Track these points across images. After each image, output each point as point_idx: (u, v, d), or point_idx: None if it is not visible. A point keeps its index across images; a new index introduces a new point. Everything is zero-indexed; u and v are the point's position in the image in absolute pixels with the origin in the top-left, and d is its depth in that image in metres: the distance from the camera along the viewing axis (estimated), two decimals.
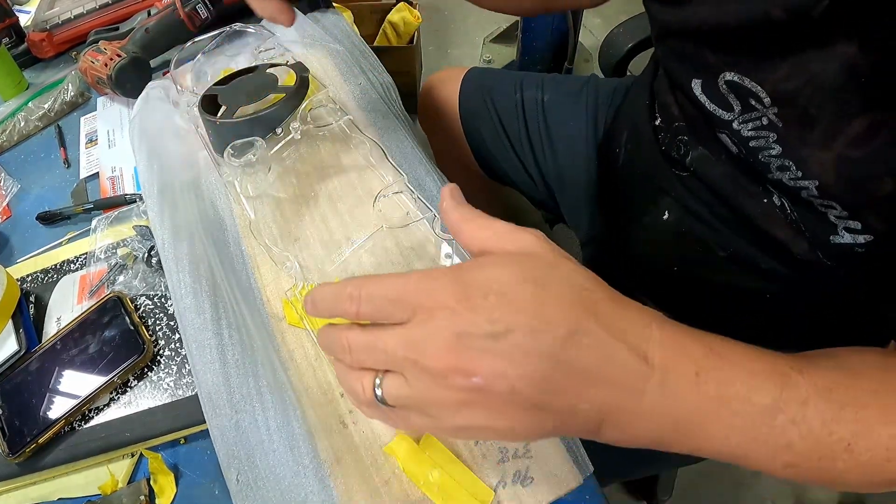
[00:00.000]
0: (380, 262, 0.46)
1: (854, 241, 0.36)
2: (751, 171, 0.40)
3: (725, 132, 0.39)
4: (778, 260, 0.43)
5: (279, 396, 0.40)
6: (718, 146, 0.41)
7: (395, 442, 0.38)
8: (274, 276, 0.47)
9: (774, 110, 0.34)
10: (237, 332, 0.43)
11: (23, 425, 0.42)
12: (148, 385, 0.45)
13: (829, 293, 0.44)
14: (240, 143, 0.47)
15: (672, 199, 0.49)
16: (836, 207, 0.35)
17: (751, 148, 0.37)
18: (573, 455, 0.37)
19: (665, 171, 0.48)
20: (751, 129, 0.36)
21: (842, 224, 0.35)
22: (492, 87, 0.76)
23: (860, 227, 0.35)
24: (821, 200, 0.35)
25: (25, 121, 0.68)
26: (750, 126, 0.36)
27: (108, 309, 0.47)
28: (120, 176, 0.61)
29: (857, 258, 0.37)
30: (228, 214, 0.51)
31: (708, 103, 0.38)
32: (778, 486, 1.07)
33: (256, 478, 0.37)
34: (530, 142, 0.73)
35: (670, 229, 0.50)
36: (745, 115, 0.36)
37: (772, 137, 0.35)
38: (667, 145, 0.48)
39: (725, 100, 0.37)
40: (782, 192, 0.39)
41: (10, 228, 0.60)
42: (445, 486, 0.36)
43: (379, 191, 0.48)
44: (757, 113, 0.35)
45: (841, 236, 0.36)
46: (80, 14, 0.76)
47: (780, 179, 0.36)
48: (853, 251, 0.36)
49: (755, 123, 0.36)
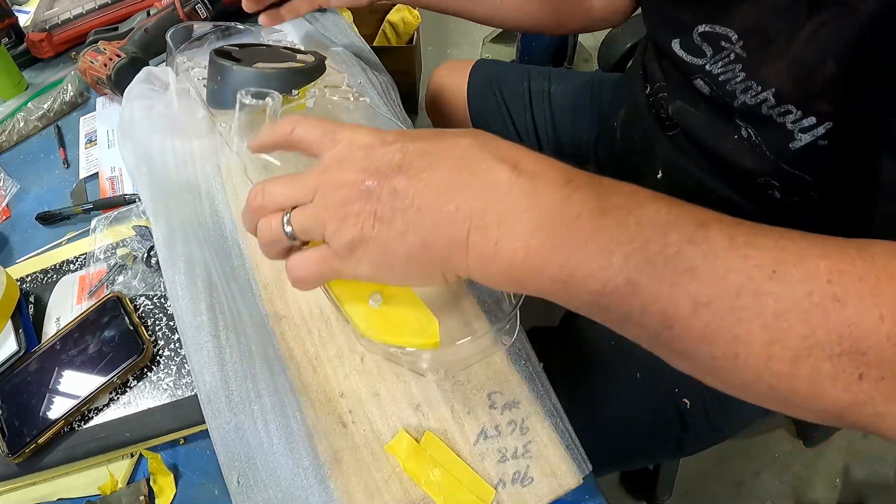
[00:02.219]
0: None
1: (814, 136, 0.39)
2: (722, 109, 0.46)
3: (699, 76, 0.45)
4: (755, 201, 0.48)
5: (278, 397, 0.40)
6: (693, 94, 0.47)
7: (396, 440, 0.38)
8: (274, 276, 0.47)
9: (741, 44, 0.41)
10: (234, 333, 0.42)
11: (22, 425, 0.42)
12: (147, 385, 0.45)
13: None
14: (255, 91, 0.46)
15: (663, 157, 0.54)
16: (791, 111, 0.39)
17: (720, 82, 0.43)
18: (573, 455, 0.37)
19: (656, 132, 0.54)
20: (720, 67, 0.43)
21: (797, 127, 0.40)
22: (499, 77, 0.78)
23: (815, 121, 0.39)
24: (778, 108, 0.40)
25: (25, 121, 0.68)
26: (720, 65, 0.43)
27: (107, 309, 0.47)
28: (119, 176, 0.61)
29: (821, 158, 0.40)
30: (227, 213, 0.51)
31: (685, 55, 0.45)
32: (778, 486, 1.07)
33: (257, 479, 0.37)
34: (536, 130, 0.74)
35: (663, 189, 0.52)
36: (715, 57, 0.43)
37: (737, 68, 0.42)
38: (654, 107, 0.54)
39: (700, 49, 0.44)
40: (745, 117, 0.44)
41: (9, 228, 0.60)
42: (446, 484, 0.36)
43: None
44: (726, 52, 0.42)
45: (799, 140, 0.40)
46: (80, 14, 0.76)
47: (744, 101, 0.42)
48: (816, 148, 0.40)
49: (724, 61, 0.43)
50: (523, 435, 0.37)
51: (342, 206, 0.29)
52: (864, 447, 1.09)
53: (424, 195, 0.27)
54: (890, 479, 1.06)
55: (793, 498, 1.06)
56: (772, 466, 1.08)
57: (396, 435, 0.38)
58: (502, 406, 0.39)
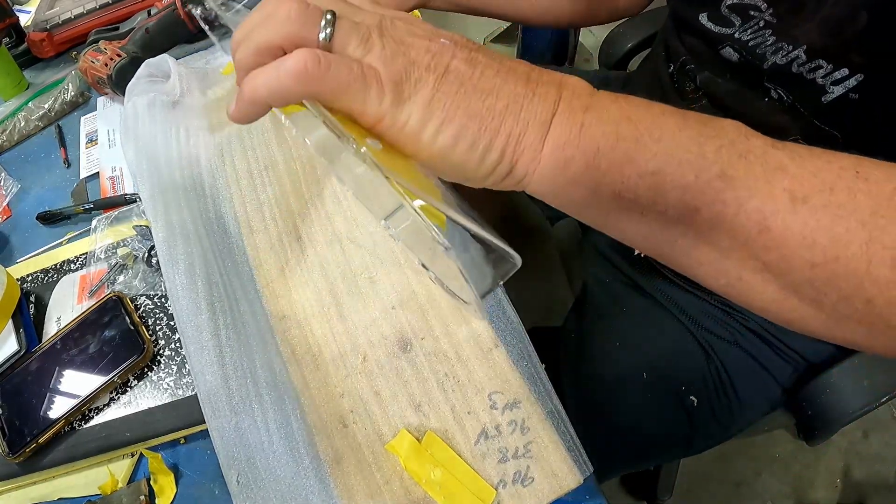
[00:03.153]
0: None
1: (846, 88, 0.39)
2: (751, 74, 0.45)
3: (728, 44, 0.46)
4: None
5: (278, 396, 0.40)
6: (720, 62, 0.48)
7: (397, 440, 0.38)
8: (277, 275, 0.47)
9: (770, 11, 0.41)
10: (235, 333, 0.42)
11: (23, 425, 0.42)
12: (148, 385, 0.45)
13: None
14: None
15: None
16: (822, 66, 0.39)
17: (749, 48, 0.44)
18: (573, 455, 0.37)
19: (678, 105, 0.53)
20: (750, 34, 0.43)
21: (828, 81, 0.39)
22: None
23: (847, 72, 0.38)
24: (809, 64, 0.40)
25: (25, 121, 0.68)
26: (749, 32, 0.43)
27: (108, 309, 0.47)
28: (120, 176, 0.61)
29: (851, 112, 0.40)
30: (229, 212, 0.51)
31: (713, 27, 0.46)
32: (777, 485, 1.07)
33: (257, 479, 0.37)
34: None
35: None
36: (745, 25, 0.43)
37: (767, 33, 0.42)
38: (679, 82, 0.54)
39: (728, 19, 0.44)
40: (774, 78, 0.44)
41: (10, 228, 0.60)
42: (447, 484, 0.36)
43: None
44: (755, 20, 0.42)
45: (831, 92, 0.40)
46: (80, 14, 0.76)
47: (775, 62, 0.42)
48: (847, 101, 0.39)
49: (753, 28, 0.43)
50: (524, 435, 0.37)
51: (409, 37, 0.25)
52: (864, 447, 1.09)
53: (508, 64, 0.25)
54: (890, 479, 1.06)
55: (793, 498, 1.06)
56: (772, 466, 1.08)
57: (398, 434, 0.38)
58: (503, 406, 0.39)
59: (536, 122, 0.24)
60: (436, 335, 0.42)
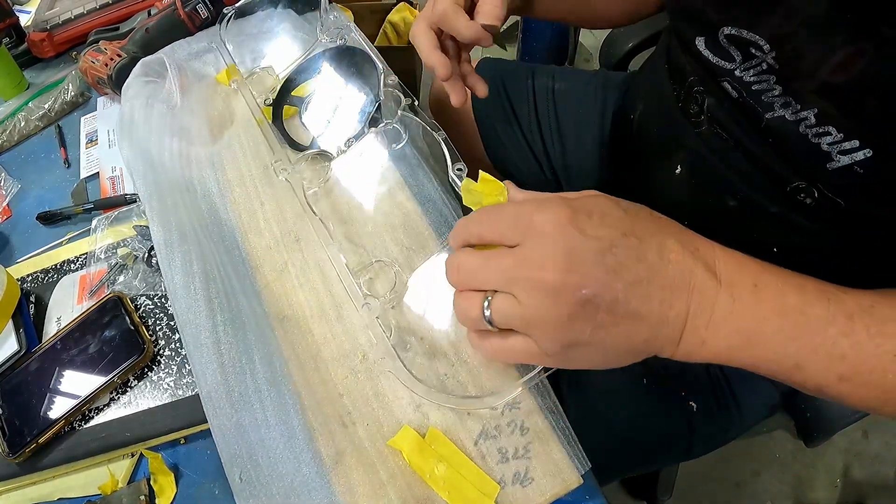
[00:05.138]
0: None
1: (852, 160, 0.37)
2: (753, 117, 0.43)
3: (727, 80, 0.43)
4: (785, 204, 0.45)
5: (279, 395, 0.40)
6: (723, 94, 0.45)
7: (400, 436, 0.38)
8: (275, 276, 0.47)
9: (773, 54, 0.38)
10: (235, 332, 0.42)
11: (23, 425, 0.42)
12: (148, 385, 0.45)
13: (841, 241, 0.45)
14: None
15: (686, 153, 0.52)
16: (830, 133, 0.37)
17: (753, 91, 0.41)
18: (572, 455, 0.37)
19: (682, 125, 0.52)
20: (752, 75, 0.40)
21: (836, 149, 0.38)
22: (503, 75, 0.77)
23: (858, 144, 0.37)
24: (817, 129, 0.38)
25: (26, 121, 0.68)
26: (752, 73, 0.40)
27: (108, 309, 0.47)
28: (120, 176, 0.61)
29: (857, 184, 0.39)
30: (227, 214, 0.51)
31: (711, 56, 0.43)
32: (777, 486, 1.07)
33: (259, 476, 0.37)
34: (539, 127, 0.74)
35: (683, 184, 0.52)
36: (746, 63, 0.40)
37: (772, 80, 0.39)
38: (684, 101, 0.51)
39: (727, 52, 0.41)
40: (773, 131, 0.41)
41: (10, 228, 0.60)
42: (452, 479, 0.36)
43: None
44: (757, 59, 0.39)
45: (837, 161, 0.38)
46: (81, 14, 0.76)
47: (783, 116, 0.39)
48: (852, 174, 0.38)
49: (756, 69, 0.40)
50: (523, 435, 0.37)
51: (553, 309, 0.30)
52: (864, 447, 1.09)
53: (644, 302, 0.30)
54: (890, 479, 1.06)
55: (793, 498, 1.06)
56: (772, 466, 1.08)
57: (400, 430, 0.38)
58: (503, 406, 0.39)
59: (668, 346, 0.32)
60: (435, 335, 0.42)
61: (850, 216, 0.42)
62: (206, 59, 0.63)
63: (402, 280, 0.44)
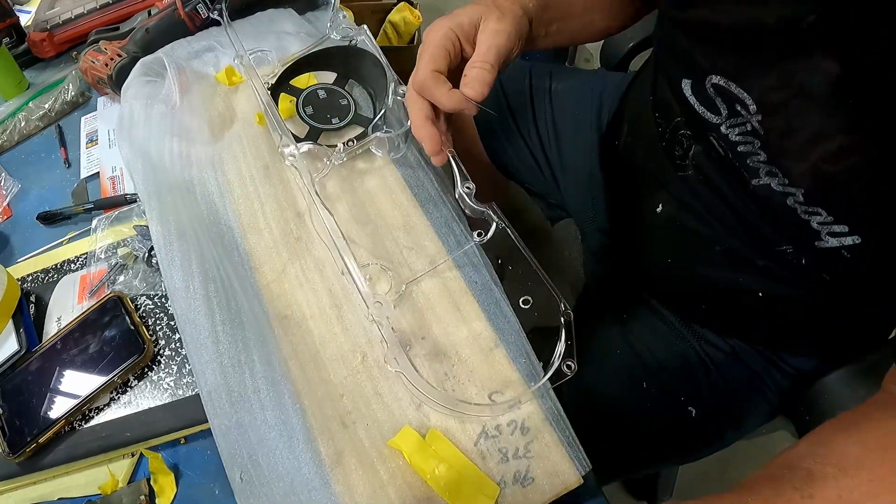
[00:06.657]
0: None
1: (840, 244, 0.36)
2: (737, 174, 0.40)
3: (713, 135, 0.40)
4: (773, 259, 0.43)
5: (279, 395, 0.40)
6: (709, 145, 0.42)
7: (400, 436, 0.38)
8: (275, 276, 0.47)
9: (758, 118, 0.35)
10: (235, 332, 0.42)
11: (23, 425, 0.42)
12: (148, 385, 0.45)
13: (824, 295, 0.44)
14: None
15: (668, 195, 0.50)
16: (820, 213, 0.35)
17: (738, 153, 0.38)
18: (573, 455, 0.37)
19: (665, 166, 0.49)
20: (737, 133, 0.37)
21: (825, 230, 0.36)
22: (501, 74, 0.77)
23: (847, 229, 0.35)
24: (805, 207, 0.36)
25: (26, 120, 0.68)
26: (737, 131, 0.37)
27: (108, 309, 0.47)
28: (120, 176, 0.61)
29: (843, 264, 0.37)
30: (227, 213, 0.51)
31: (697, 104, 0.39)
32: None
33: (259, 475, 0.37)
34: (536, 127, 0.74)
35: (662, 223, 0.51)
36: (731, 120, 0.37)
37: (756, 144, 0.36)
38: (668, 141, 0.48)
39: (713, 103, 0.38)
40: (759, 199, 0.38)
41: (10, 228, 0.60)
42: (452, 480, 0.36)
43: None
44: (742, 119, 0.36)
45: (825, 241, 0.36)
46: (81, 14, 0.76)
47: (769, 184, 0.37)
48: (839, 256, 0.36)
49: (741, 129, 0.36)
50: (524, 435, 0.37)
51: None
52: None
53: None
54: None
55: None
56: None
57: (401, 431, 0.38)
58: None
59: None
60: (435, 335, 0.42)
61: (835, 285, 0.41)
62: (205, 58, 0.63)
63: (402, 280, 0.44)
